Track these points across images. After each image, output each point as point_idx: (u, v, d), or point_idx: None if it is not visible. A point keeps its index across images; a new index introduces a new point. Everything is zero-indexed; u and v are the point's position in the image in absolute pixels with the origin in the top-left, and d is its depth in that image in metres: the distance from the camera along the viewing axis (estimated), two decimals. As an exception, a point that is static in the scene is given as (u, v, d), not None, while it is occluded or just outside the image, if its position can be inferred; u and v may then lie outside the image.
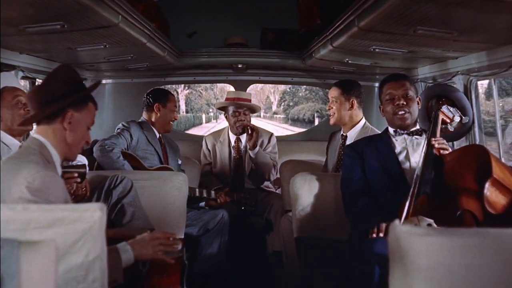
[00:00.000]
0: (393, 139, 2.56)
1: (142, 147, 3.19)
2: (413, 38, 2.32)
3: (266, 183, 3.85)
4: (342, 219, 2.55)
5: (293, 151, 4.22)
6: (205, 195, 3.27)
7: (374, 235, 2.18)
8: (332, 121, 3.19)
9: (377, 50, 2.70)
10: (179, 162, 3.42)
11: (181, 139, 4.41)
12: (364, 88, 3.24)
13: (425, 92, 3.02)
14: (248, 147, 3.68)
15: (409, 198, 2.16)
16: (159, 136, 3.35)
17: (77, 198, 2.49)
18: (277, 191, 3.89)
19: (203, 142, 3.91)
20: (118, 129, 3.22)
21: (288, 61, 3.99)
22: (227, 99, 3.79)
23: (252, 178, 3.78)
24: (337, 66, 3.71)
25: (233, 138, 3.81)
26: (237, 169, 3.81)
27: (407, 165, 2.49)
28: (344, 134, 3.20)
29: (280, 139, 4.00)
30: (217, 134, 3.92)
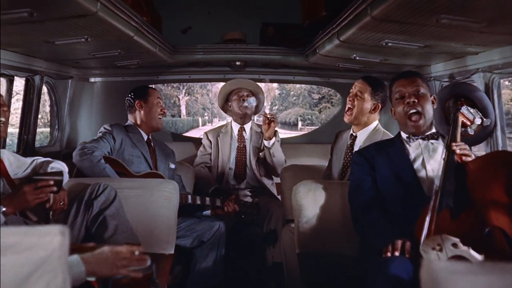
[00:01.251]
0: (407, 145, 2.31)
1: (127, 150, 2.94)
2: (434, 29, 2.04)
3: (268, 182, 3.60)
4: (350, 234, 2.29)
5: (295, 155, 3.94)
6: (208, 203, 3.00)
7: (389, 254, 1.91)
8: (348, 118, 2.90)
9: (390, 44, 2.42)
10: (172, 166, 3.14)
11: (177, 140, 4.14)
12: None
13: (442, 92, 2.74)
14: (253, 136, 3.53)
15: (429, 213, 1.89)
16: (148, 138, 3.10)
17: (55, 213, 2.23)
18: (278, 197, 3.62)
19: (204, 137, 3.72)
20: (100, 132, 2.98)
21: (290, 58, 3.71)
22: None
23: (264, 169, 3.58)
24: (343, 63, 3.44)
25: (236, 128, 3.68)
26: (239, 158, 3.61)
27: (423, 173, 2.23)
28: (354, 133, 2.93)
29: (280, 141, 3.73)
30: (219, 128, 3.79)
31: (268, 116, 3.40)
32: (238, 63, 3.88)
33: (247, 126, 3.68)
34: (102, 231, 2.25)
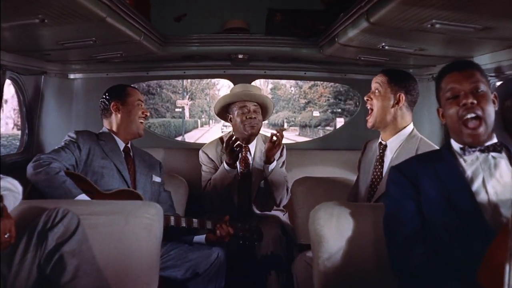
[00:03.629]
0: (460, 159, 1.76)
1: (96, 161, 2.42)
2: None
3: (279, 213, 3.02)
4: (388, 276, 1.73)
5: (306, 163, 3.37)
6: (195, 225, 2.44)
7: (448, 313, 1.38)
8: (370, 121, 2.37)
9: (437, 26, 1.85)
10: (157, 179, 2.59)
11: (168, 147, 3.59)
12: None
13: (499, 89, 2.18)
14: (259, 158, 2.91)
15: (510, 258, 1.34)
16: (126, 146, 2.57)
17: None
18: (283, 216, 3.03)
19: (201, 156, 3.04)
20: (63, 141, 2.46)
21: (302, 51, 3.14)
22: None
23: (259, 202, 2.95)
24: (366, 55, 2.88)
25: None
26: (243, 187, 2.97)
27: (483, 197, 1.69)
28: (383, 142, 2.38)
29: (288, 147, 3.17)
30: (216, 144, 3.06)
31: (277, 135, 2.78)
32: (240, 56, 3.30)
33: (252, 145, 3.03)
34: (58, 273, 1.70)
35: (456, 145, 1.78)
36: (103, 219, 1.84)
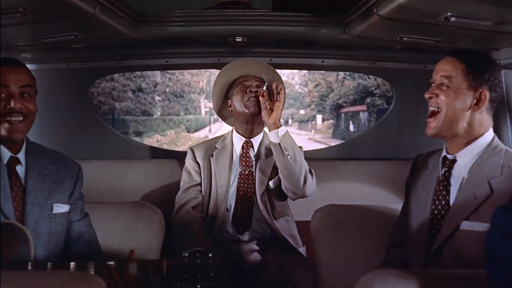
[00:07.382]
0: None
1: None
2: None
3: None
4: None
5: (324, 179, 2.63)
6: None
7: None
8: (432, 127, 1.67)
9: None
10: (62, 209, 1.75)
11: (142, 155, 2.88)
12: None
13: None
14: (264, 156, 2.37)
15: None
16: (12, 157, 1.70)
17: None
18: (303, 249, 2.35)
19: (188, 156, 2.44)
20: None
21: (320, 31, 2.42)
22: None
23: (267, 204, 2.31)
24: (409, 34, 2.15)
25: (239, 142, 2.40)
26: (243, 192, 2.33)
27: None
28: (451, 156, 1.67)
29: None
30: (211, 141, 2.51)
31: (263, 93, 2.28)
32: (239, 39, 2.58)
33: (256, 140, 2.41)
34: None
35: None
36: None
